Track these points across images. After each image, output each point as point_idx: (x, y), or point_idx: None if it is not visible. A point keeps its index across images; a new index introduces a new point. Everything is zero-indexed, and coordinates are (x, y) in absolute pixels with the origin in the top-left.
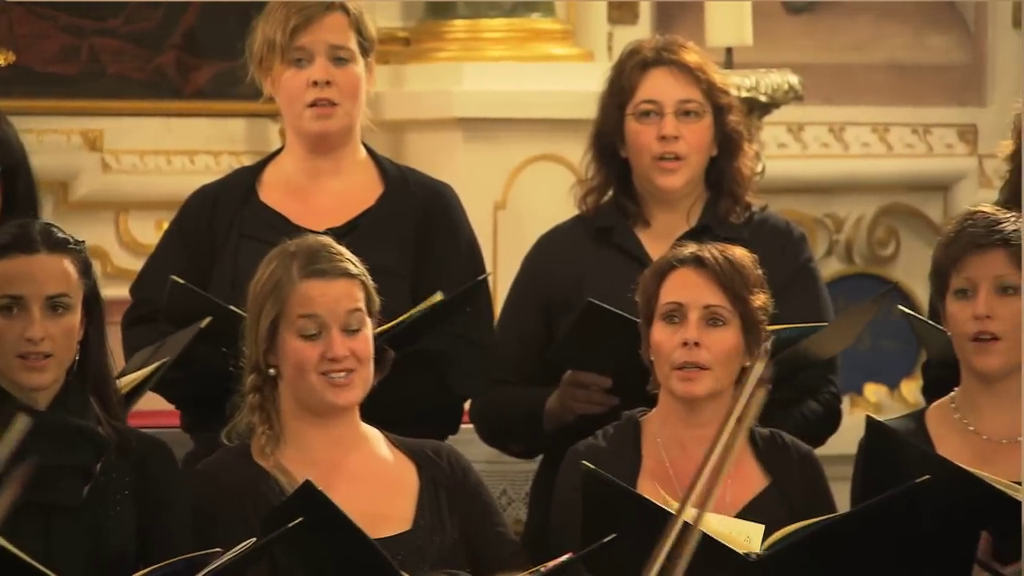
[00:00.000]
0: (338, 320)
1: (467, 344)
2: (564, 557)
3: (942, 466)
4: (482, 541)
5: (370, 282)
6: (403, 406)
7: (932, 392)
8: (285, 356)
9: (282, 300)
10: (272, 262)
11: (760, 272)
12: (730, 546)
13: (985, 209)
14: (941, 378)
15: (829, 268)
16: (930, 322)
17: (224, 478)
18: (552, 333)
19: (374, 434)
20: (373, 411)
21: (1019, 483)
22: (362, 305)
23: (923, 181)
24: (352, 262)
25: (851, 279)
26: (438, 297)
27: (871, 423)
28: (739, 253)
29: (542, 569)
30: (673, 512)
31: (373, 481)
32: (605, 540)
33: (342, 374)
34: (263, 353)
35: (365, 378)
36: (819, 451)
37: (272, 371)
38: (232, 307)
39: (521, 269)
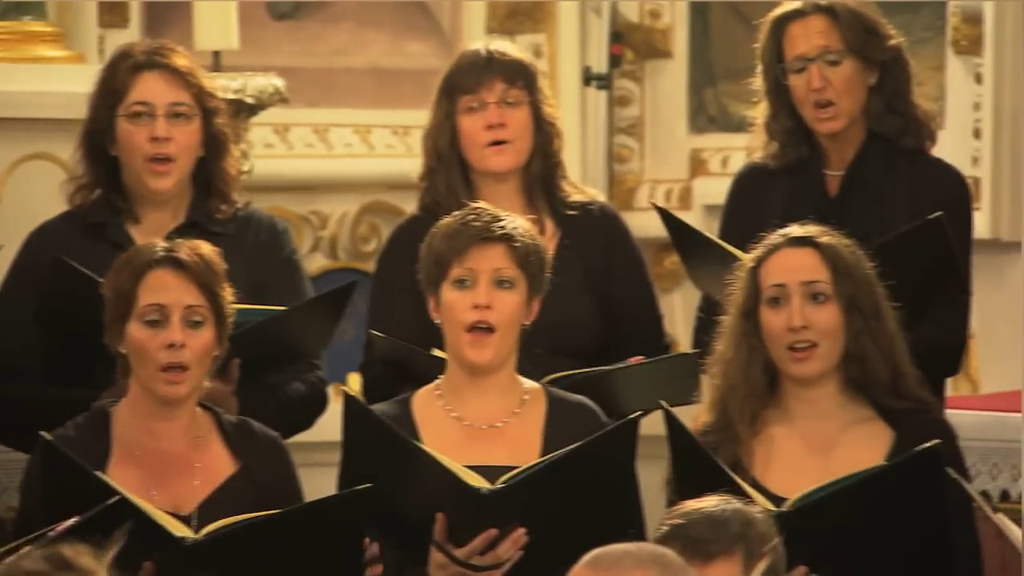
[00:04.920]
0: None
1: None
2: None
3: (410, 450)
4: None
5: None
6: None
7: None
8: None
9: None
10: None
11: (225, 266)
12: (166, 526)
13: (484, 206)
14: (385, 376)
15: (315, 263)
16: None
17: None
18: None
19: None
20: None
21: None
22: None
23: (403, 180)
24: None
25: (335, 273)
26: None
27: (348, 399)
28: (207, 249)
29: None
30: (124, 493)
31: None
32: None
33: None
34: None
35: None
36: (307, 437)
37: None
38: None
39: (14, 262)
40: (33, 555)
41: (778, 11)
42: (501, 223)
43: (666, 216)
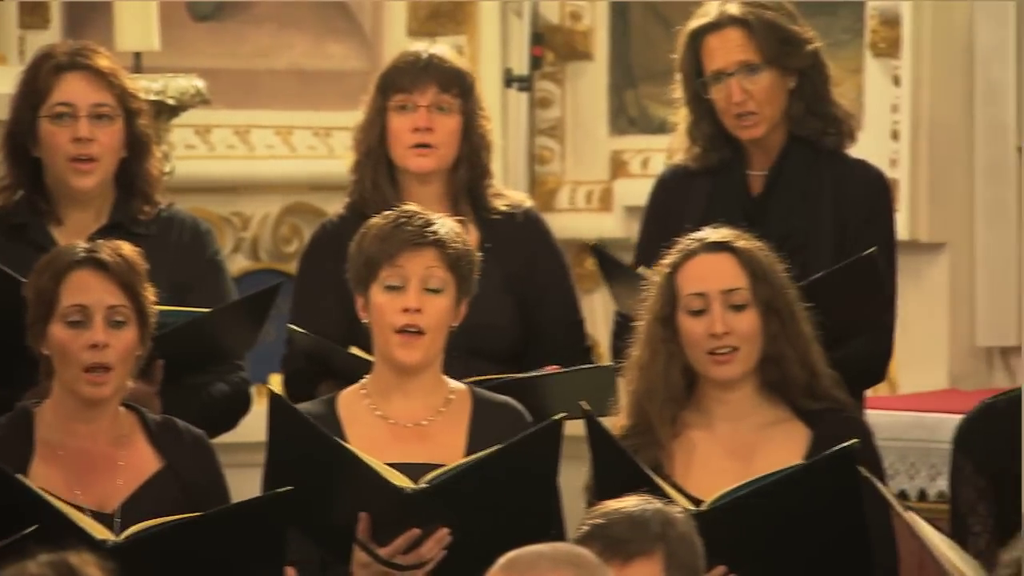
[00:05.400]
0: None
1: None
2: None
3: (334, 449)
4: None
5: None
6: None
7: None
8: None
9: None
10: None
11: (147, 266)
12: (87, 529)
13: (415, 209)
14: (306, 371)
15: (237, 264)
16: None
17: None
18: None
19: None
20: None
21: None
22: None
23: (325, 181)
24: None
25: (257, 274)
26: None
27: (273, 397)
28: (129, 250)
29: None
30: (43, 495)
31: None
32: None
33: None
34: None
35: None
36: (231, 438)
37: None
38: None
39: None
40: (39, 561)
41: (694, 23)
42: (433, 227)
43: (599, 253)
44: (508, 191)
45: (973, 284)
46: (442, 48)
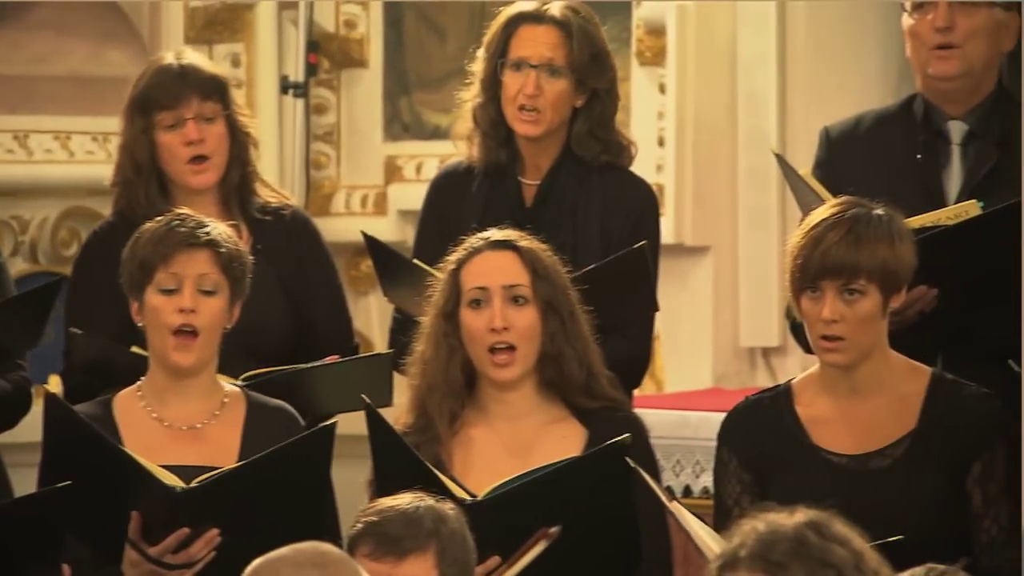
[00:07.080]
0: None
1: None
2: None
3: (107, 449)
4: None
5: None
6: None
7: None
8: None
9: None
10: None
11: None
12: None
13: (188, 212)
14: (86, 384)
15: (15, 267)
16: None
17: None
18: None
19: None
20: None
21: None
22: None
23: (103, 186)
24: None
25: (36, 276)
26: None
27: (49, 397)
28: None
29: None
30: None
31: None
32: None
33: None
34: None
35: None
36: (10, 438)
37: None
38: None
39: None
40: None
41: (516, 8)
42: (206, 229)
43: (370, 241)
44: (273, 187)
45: (736, 286)
46: (190, 54)
